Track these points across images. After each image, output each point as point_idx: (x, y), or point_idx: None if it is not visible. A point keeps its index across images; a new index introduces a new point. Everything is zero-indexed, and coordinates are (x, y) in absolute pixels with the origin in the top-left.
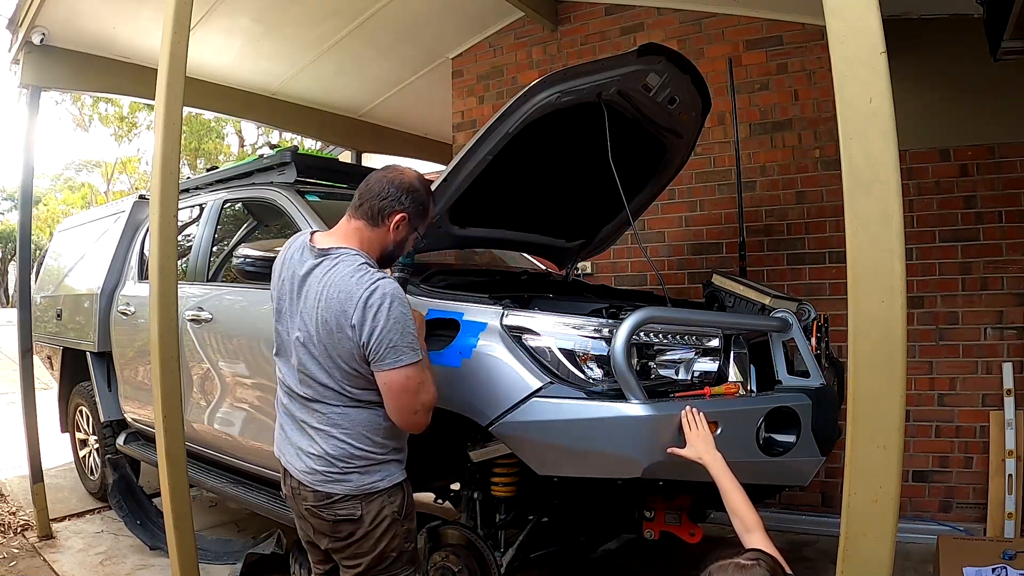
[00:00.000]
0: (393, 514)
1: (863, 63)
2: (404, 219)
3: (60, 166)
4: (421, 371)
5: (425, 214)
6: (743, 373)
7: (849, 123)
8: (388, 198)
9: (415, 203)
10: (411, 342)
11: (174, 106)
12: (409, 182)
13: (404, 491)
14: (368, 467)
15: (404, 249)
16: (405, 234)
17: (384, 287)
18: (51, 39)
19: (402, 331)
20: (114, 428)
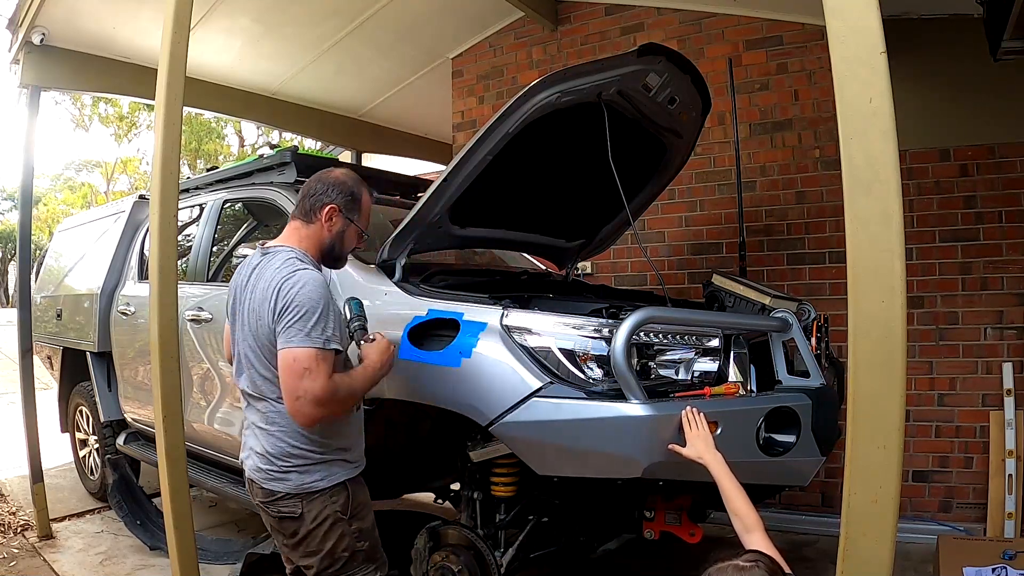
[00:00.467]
0: (335, 514)
1: (863, 63)
2: (335, 210)
3: (60, 166)
4: (314, 359)
5: (356, 204)
6: (743, 373)
7: (849, 123)
8: (316, 194)
9: (342, 194)
10: (310, 328)
11: (174, 106)
12: (335, 176)
13: (348, 491)
14: (307, 466)
15: (347, 244)
16: (341, 226)
17: (301, 276)
18: (51, 39)
19: (304, 315)
20: (114, 428)
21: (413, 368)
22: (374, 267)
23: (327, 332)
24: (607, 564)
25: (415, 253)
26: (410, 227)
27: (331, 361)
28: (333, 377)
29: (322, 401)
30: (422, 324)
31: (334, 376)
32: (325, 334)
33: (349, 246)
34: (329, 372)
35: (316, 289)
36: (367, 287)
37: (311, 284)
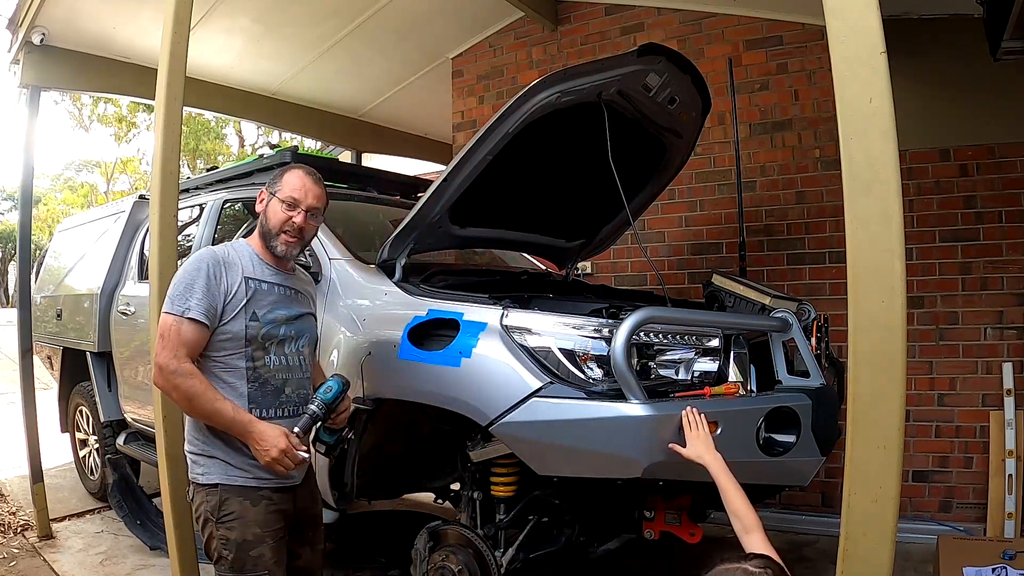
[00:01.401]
0: (207, 512)
1: (863, 63)
2: (264, 192)
3: (60, 166)
4: (167, 326)
5: (279, 178)
6: (743, 373)
7: (849, 123)
8: None
9: (271, 178)
10: (175, 296)
11: (174, 106)
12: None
13: (220, 496)
14: (193, 455)
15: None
16: (265, 203)
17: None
18: (51, 39)
19: (174, 283)
20: (114, 428)
21: (413, 368)
22: (374, 267)
23: (190, 301)
24: (607, 564)
25: (415, 253)
26: (410, 227)
27: (189, 333)
28: (184, 357)
29: (163, 373)
30: (422, 324)
31: (187, 360)
32: (188, 303)
33: (276, 219)
34: (181, 345)
35: (195, 260)
36: (367, 287)
37: (194, 257)
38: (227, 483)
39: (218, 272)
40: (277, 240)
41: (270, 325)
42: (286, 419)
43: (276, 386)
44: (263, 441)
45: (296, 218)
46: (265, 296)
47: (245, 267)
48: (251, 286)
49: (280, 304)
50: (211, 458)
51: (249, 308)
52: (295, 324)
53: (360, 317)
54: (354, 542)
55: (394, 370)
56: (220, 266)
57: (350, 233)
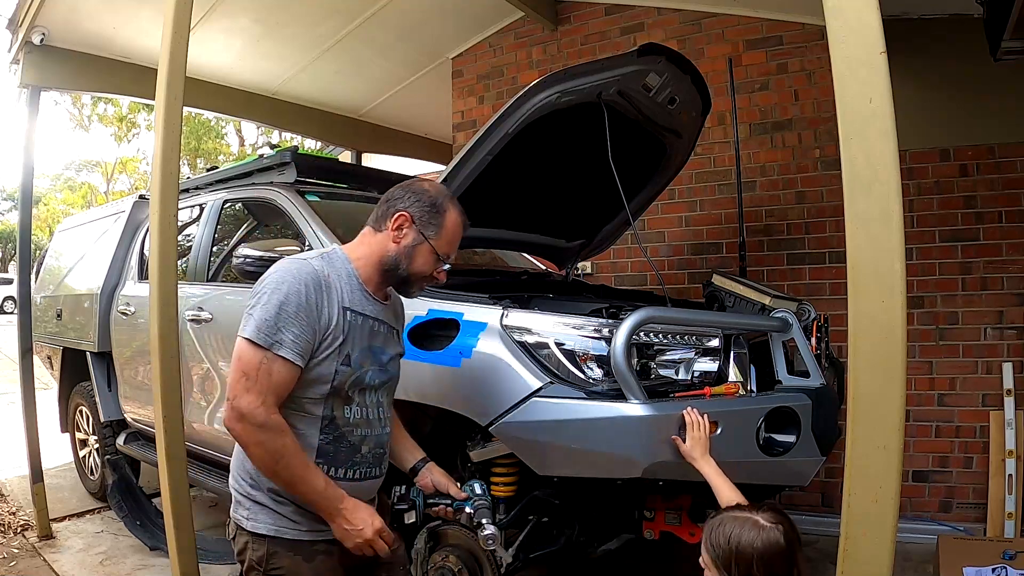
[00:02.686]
0: (252, 561)
1: (863, 63)
2: (405, 219)
3: (60, 166)
4: (252, 361)
5: (437, 218)
6: (743, 373)
7: (849, 123)
8: (391, 199)
9: (420, 202)
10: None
11: (174, 106)
12: (419, 185)
13: (268, 548)
14: (239, 495)
15: (416, 264)
16: (411, 240)
17: (282, 262)
18: (51, 39)
19: (264, 302)
20: (114, 428)
21: (413, 368)
22: None
23: (284, 333)
24: (607, 564)
25: None
26: None
27: (281, 375)
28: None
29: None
30: (422, 324)
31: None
32: (280, 335)
33: (419, 268)
34: (271, 390)
35: (292, 277)
36: None
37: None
38: (276, 535)
39: (319, 299)
40: (412, 287)
41: (360, 371)
42: (356, 482)
43: (353, 442)
44: (354, 521)
45: (440, 274)
46: (361, 334)
47: (344, 293)
48: (348, 320)
49: (374, 345)
50: (258, 504)
51: (343, 349)
52: (383, 369)
53: None
54: None
55: None
56: (321, 291)
57: (350, 233)
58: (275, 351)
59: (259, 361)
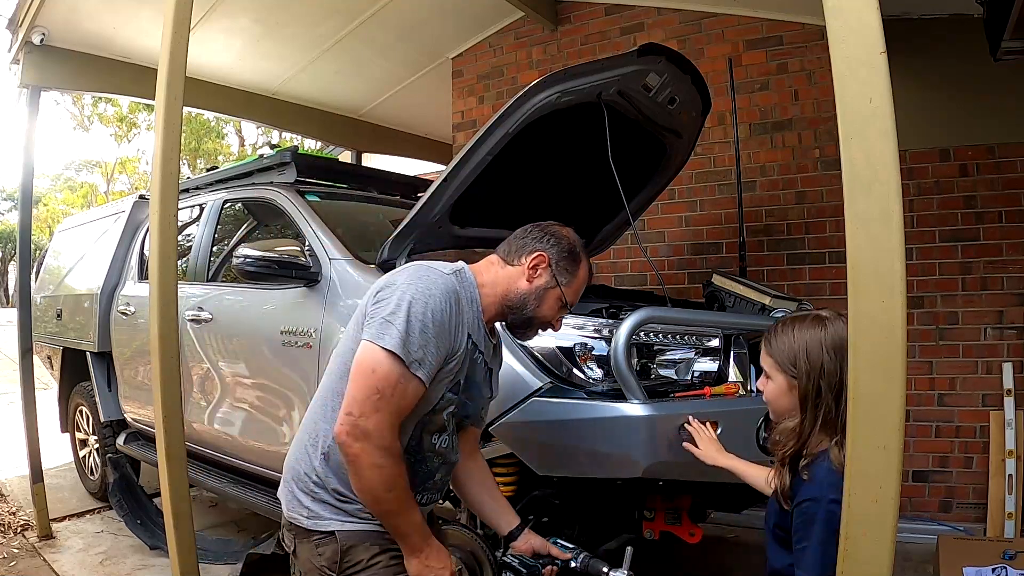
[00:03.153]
0: (322, 566)
1: (863, 63)
2: (543, 260)
3: (60, 166)
4: (389, 375)
5: (573, 267)
6: (743, 373)
7: (849, 123)
8: (530, 237)
9: (560, 248)
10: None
11: (174, 106)
12: (560, 230)
13: (340, 543)
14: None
15: (543, 308)
16: (543, 283)
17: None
18: (51, 39)
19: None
20: (114, 428)
21: None
22: (374, 267)
23: (426, 351)
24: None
25: (415, 253)
26: (410, 227)
27: (412, 397)
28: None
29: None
30: None
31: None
32: (423, 353)
33: (545, 312)
34: (400, 412)
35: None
36: (367, 287)
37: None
38: (345, 528)
39: (457, 321)
40: (530, 330)
41: (461, 401)
42: (420, 506)
43: (430, 469)
44: (436, 561)
45: (558, 325)
46: (470, 366)
47: (469, 318)
48: (468, 347)
49: (471, 379)
50: (320, 501)
51: (455, 377)
52: (470, 405)
53: None
54: None
55: None
56: (457, 312)
57: (350, 233)
58: (413, 370)
59: (397, 379)
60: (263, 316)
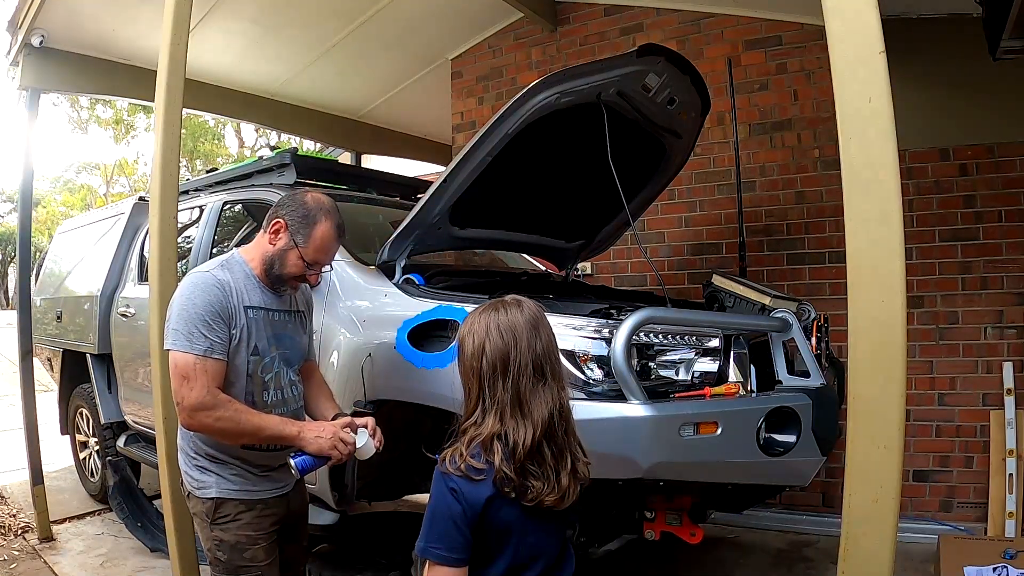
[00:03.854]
0: (202, 514)
1: (862, 63)
2: (280, 225)
3: (59, 168)
4: (187, 365)
5: (307, 228)
6: (743, 373)
7: (848, 123)
8: (276, 206)
9: (296, 212)
10: (184, 328)
11: (173, 108)
12: (301, 195)
13: (216, 500)
14: (185, 469)
15: (286, 267)
16: (283, 244)
17: (189, 277)
18: (50, 41)
19: (178, 315)
20: (114, 430)
21: (414, 370)
22: (374, 268)
23: (211, 339)
24: (607, 564)
25: (415, 254)
26: (410, 228)
27: (214, 369)
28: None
29: (197, 412)
30: (421, 325)
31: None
32: (208, 342)
33: (290, 271)
34: (211, 380)
35: (202, 291)
36: (367, 288)
37: (196, 285)
38: (224, 496)
39: (228, 304)
40: (283, 285)
41: (268, 359)
42: (274, 452)
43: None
44: (317, 429)
45: (312, 278)
46: (262, 326)
47: (244, 294)
48: (250, 316)
49: (276, 334)
50: (206, 472)
51: (251, 341)
52: (287, 352)
53: (360, 318)
54: (354, 543)
55: (394, 372)
56: (228, 297)
57: (350, 234)
58: (201, 352)
59: (193, 364)
60: None
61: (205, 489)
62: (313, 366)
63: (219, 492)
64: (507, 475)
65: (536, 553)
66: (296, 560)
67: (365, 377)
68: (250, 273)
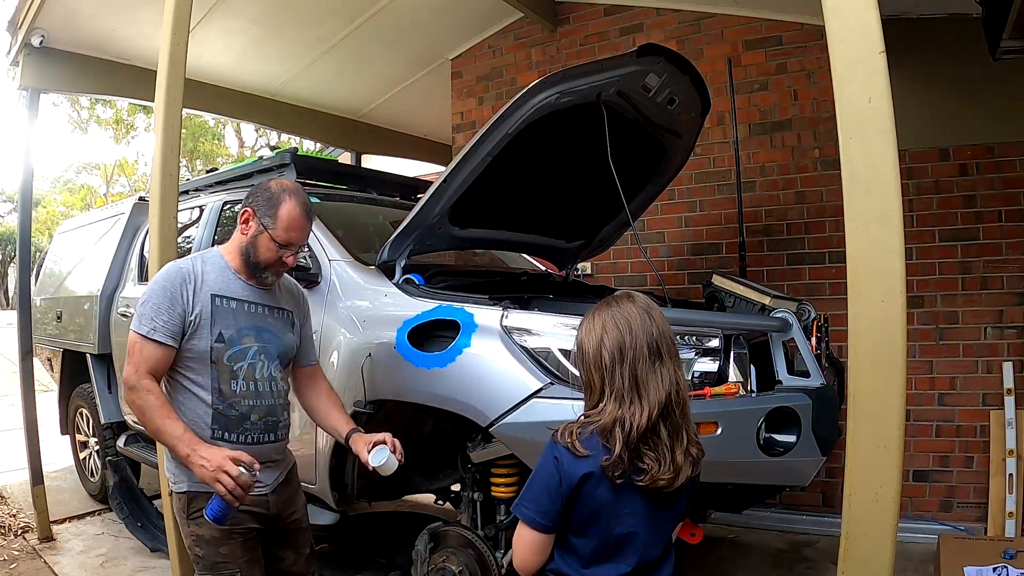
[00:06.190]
0: (179, 511)
1: (862, 63)
2: (249, 213)
3: (59, 168)
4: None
5: (273, 209)
6: (743, 373)
7: (848, 123)
8: (244, 198)
9: (259, 197)
10: (139, 309)
11: (173, 108)
12: (263, 183)
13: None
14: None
15: (261, 252)
16: (253, 231)
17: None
18: (50, 41)
19: (144, 300)
20: (114, 430)
21: (413, 370)
22: (374, 268)
23: (156, 321)
24: None
25: (415, 254)
26: (410, 228)
27: (151, 352)
28: (145, 374)
29: (127, 388)
30: (422, 325)
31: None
32: (154, 323)
33: (264, 256)
34: (143, 362)
35: (162, 277)
36: (367, 288)
37: (161, 273)
38: (196, 490)
39: (185, 290)
40: (266, 272)
41: (237, 348)
42: (247, 446)
43: (241, 412)
44: (206, 455)
45: (288, 259)
46: (233, 315)
47: (214, 283)
48: (218, 304)
49: (251, 325)
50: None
51: (215, 328)
52: (267, 347)
53: (360, 318)
54: (354, 543)
55: (394, 372)
56: (187, 283)
57: (350, 235)
58: (150, 336)
59: (134, 342)
60: None
61: (179, 484)
62: (317, 373)
63: (190, 486)
64: (620, 459)
65: (631, 541)
66: (299, 572)
67: (365, 377)
68: (226, 266)
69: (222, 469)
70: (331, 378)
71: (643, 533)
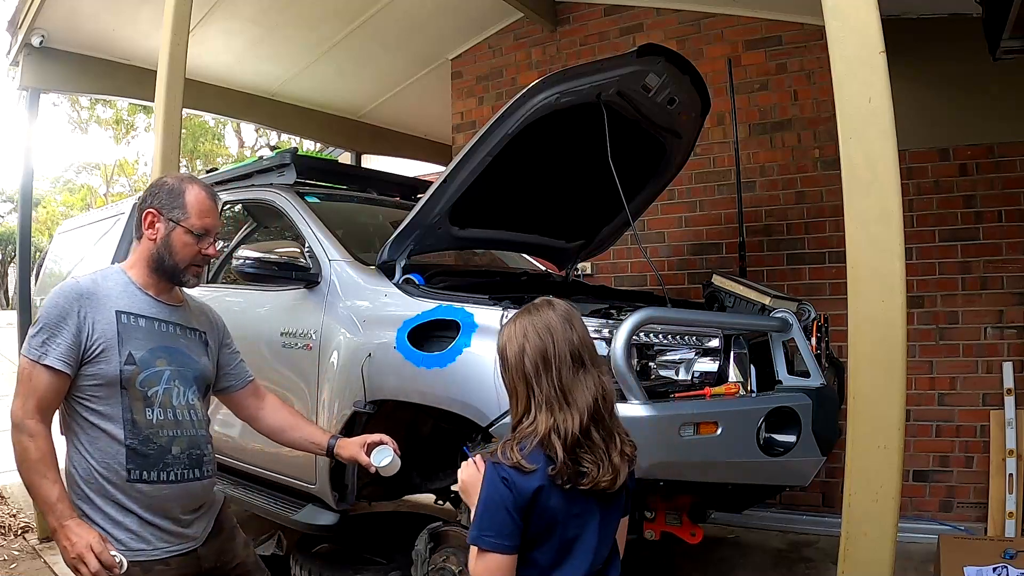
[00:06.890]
0: None
1: (862, 63)
2: (153, 215)
3: (59, 168)
4: (21, 369)
5: (179, 200)
6: (743, 373)
7: (848, 123)
8: (138, 204)
9: (159, 194)
10: (31, 331)
11: (173, 108)
12: (156, 182)
13: None
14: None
15: (178, 250)
16: (164, 231)
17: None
18: (50, 41)
19: (36, 323)
20: None
21: (414, 370)
22: (374, 268)
23: (48, 344)
24: None
25: (415, 254)
26: (410, 228)
27: (42, 381)
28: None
29: (12, 425)
30: (421, 325)
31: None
32: (46, 346)
33: (183, 253)
34: (32, 393)
35: (56, 295)
36: (367, 288)
37: (55, 291)
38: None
39: (82, 310)
40: (187, 274)
41: (151, 371)
42: (175, 484)
43: (161, 444)
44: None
45: (209, 249)
46: (143, 334)
47: (118, 299)
48: (124, 321)
49: (162, 344)
50: (86, 518)
51: (123, 348)
52: (182, 371)
53: (360, 318)
54: (354, 543)
55: (394, 372)
56: (85, 300)
57: (350, 235)
58: (40, 361)
59: (26, 371)
60: (263, 318)
61: None
62: (259, 389)
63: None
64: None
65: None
66: None
67: (365, 377)
68: (128, 281)
69: (82, 560)
70: (331, 378)
71: (593, 533)
